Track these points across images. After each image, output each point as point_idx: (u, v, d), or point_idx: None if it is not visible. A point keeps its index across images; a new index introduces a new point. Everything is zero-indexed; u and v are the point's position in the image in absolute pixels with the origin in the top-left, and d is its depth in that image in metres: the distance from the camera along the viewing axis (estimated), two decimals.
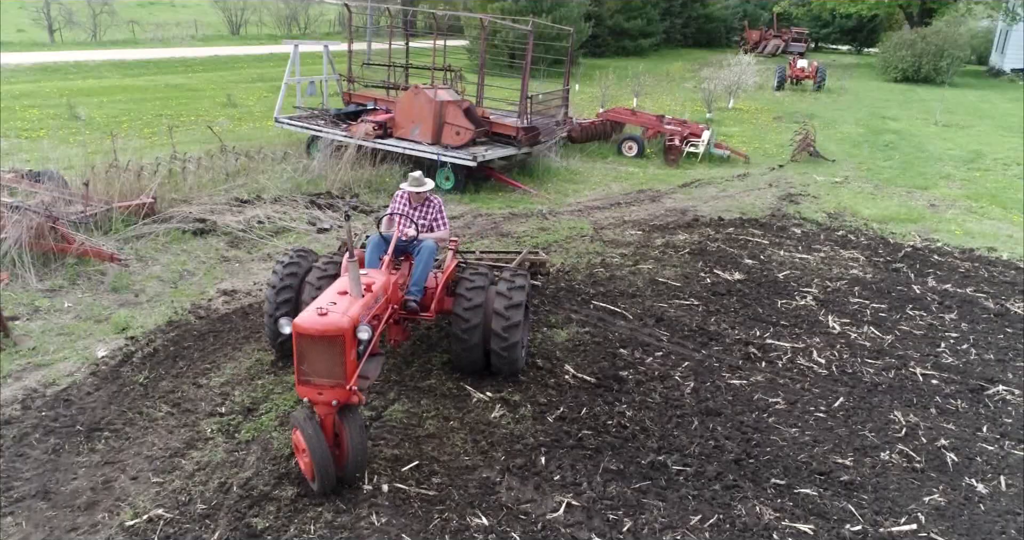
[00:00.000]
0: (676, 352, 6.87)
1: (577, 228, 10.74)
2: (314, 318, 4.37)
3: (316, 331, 4.30)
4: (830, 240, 10.79)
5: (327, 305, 4.50)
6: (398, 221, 5.96)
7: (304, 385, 4.36)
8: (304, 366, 4.33)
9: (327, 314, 4.40)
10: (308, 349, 4.32)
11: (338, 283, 5.05)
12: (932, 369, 6.86)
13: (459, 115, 12.41)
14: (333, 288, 4.95)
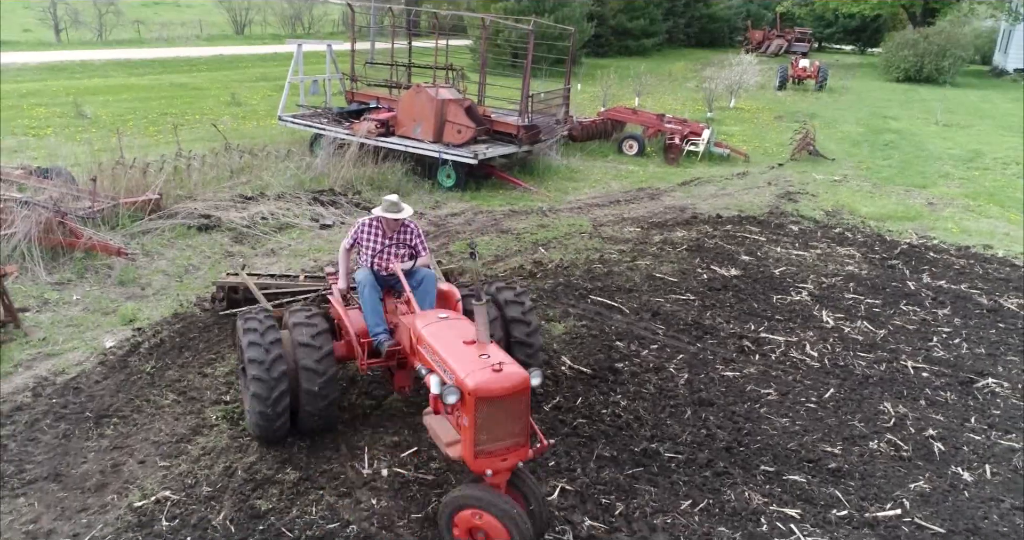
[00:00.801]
0: (671, 345, 7.00)
1: (576, 225, 10.88)
2: (495, 377, 3.77)
3: (506, 391, 3.76)
4: (827, 237, 10.91)
5: (486, 358, 3.94)
6: (389, 255, 5.33)
7: (485, 457, 3.80)
8: (484, 434, 3.77)
9: (502, 369, 3.83)
10: (493, 413, 3.76)
11: (449, 331, 4.37)
12: (923, 362, 6.99)
13: (460, 113, 12.56)
14: (448, 337, 4.28)
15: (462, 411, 3.80)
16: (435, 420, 4.18)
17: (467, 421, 3.75)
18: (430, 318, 4.67)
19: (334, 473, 4.80)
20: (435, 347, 4.23)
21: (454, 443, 3.95)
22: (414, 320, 4.69)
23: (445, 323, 4.52)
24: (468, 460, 3.84)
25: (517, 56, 31.47)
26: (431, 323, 4.53)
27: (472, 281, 7.83)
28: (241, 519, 4.32)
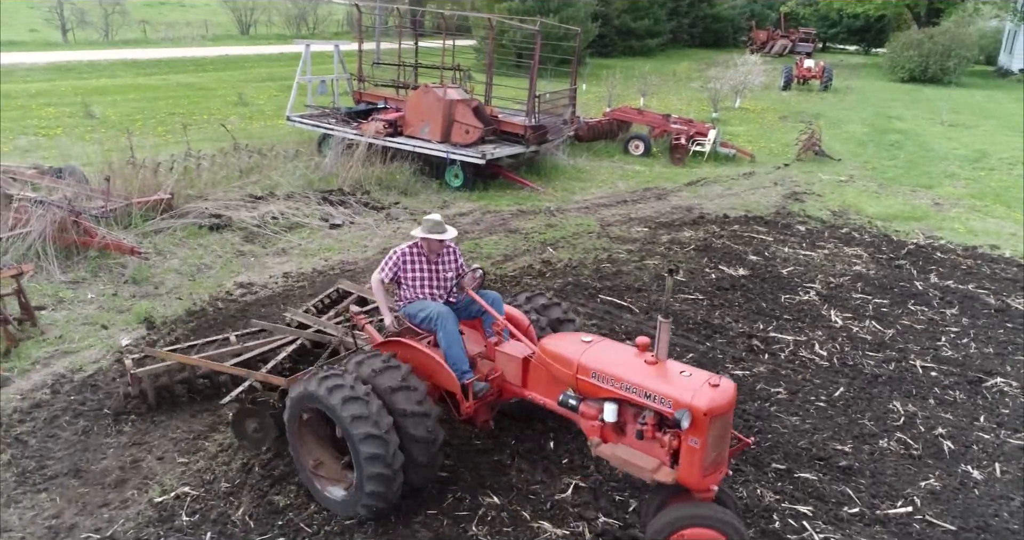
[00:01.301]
0: (681, 344, 7.04)
1: (584, 225, 10.92)
2: (718, 393, 3.77)
3: (730, 405, 3.79)
4: (834, 237, 10.93)
5: (689, 375, 3.94)
6: (441, 281, 4.97)
7: (711, 474, 3.83)
8: (711, 452, 3.77)
9: (720, 384, 3.83)
10: (717, 429, 3.77)
11: (617, 355, 4.22)
12: (932, 362, 7.02)
13: (468, 113, 12.62)
14: (626, 362, 4.11)
15: (692, 433, 3.71)
16: (620, 449, 4.00)
17: (698, 442, 3.69)
18: (573, 344, 4.31)
19: None
20: (622, 374, 4.00)
21: (660, 468, 3.85)
22: (553, 349, 4.33)
23: (601, 347, 4.28)
24: (694, 481, 3.78)
25: (522, 56, 31.60)
26: (590, 350, 4.22)
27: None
28: (260, 514, 4.38)
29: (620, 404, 4.06)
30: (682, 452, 3.79)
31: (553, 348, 4.36)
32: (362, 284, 7.56)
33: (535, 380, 4.56)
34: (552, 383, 4.42)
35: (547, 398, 4.51)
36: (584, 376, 4.14)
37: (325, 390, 4.15)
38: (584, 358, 4.16)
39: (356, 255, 9.10)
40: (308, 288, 7.92)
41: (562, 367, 4.24)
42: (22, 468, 4.69)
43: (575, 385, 4.22)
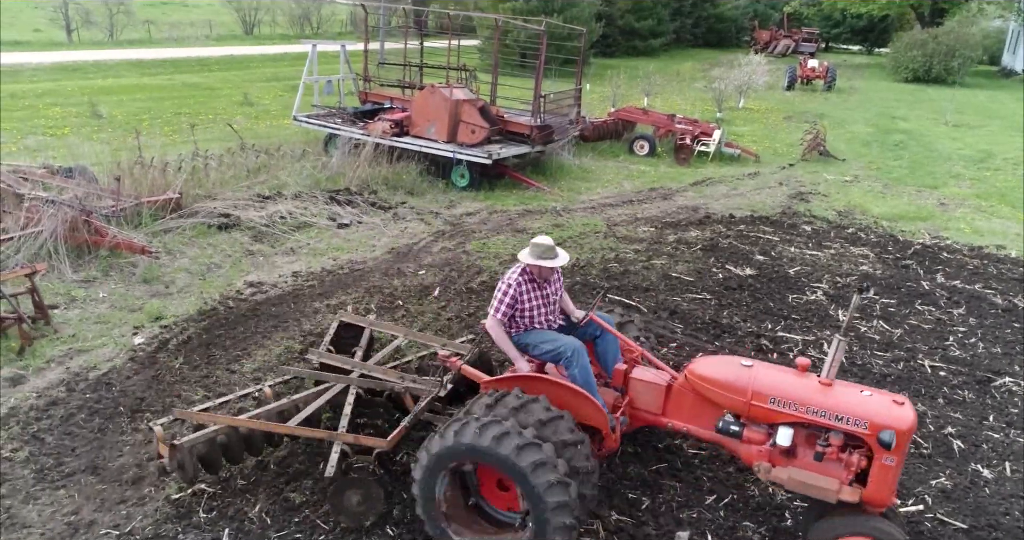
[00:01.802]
0: (690, 344, 7.07)
1: (591, 225, 10.95)
2: (906, 411, 3.88)
3: (916, 422, 3.91)
4: (840, 237, 10.95)
5: (871, 396, 4.00)
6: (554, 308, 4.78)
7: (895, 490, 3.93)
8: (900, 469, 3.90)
9: (904, 402, 3.95)
10: (905, 447, 3.85)
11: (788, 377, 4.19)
12: (940, 361, 7.05)
13: (474, 113, 12.65)
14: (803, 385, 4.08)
15: (893, 452, 3.76)
16: (795, 472, 3.99)
17: (894, 460, 3.78)
18: (731, 368, 4.24)
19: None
20: (807, 399, 3.98)
21: (843, 487, 3.89)
22: (711, 374, 4.25)
23: (767, 371, 4.22)
24: (883, 498, 3.84)
25: (526, 56, 31.65)
26: (758, 374, 4.16)
27: None
28: (276, 511, 4.42)
29: (796, 428, 4.03)
30: (875, 471, 3.83)
31: (714, 374, 4.26)
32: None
33: (677, 407, 4.46)
34: (701, 409, 4.33)
35: (692, 425, 4.40)
36: (760, 402, 4.07)
37: (491, 440, 3.72)
38: (758, 384, 4.09)
39: (364, 254, 9.13)
40: (318, 287, 7.95)
41: (730, 394, 4.14)
42: (40, 465, 4.73)
43: (745, 411, 4.13)
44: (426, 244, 9.71)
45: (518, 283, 4.54)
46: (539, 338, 4.55)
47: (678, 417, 4.49)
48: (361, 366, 5.19)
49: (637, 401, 4.58)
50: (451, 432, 3.86)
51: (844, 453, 3.95)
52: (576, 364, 4.39)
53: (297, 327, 6.88)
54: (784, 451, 4.07)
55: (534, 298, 4.61)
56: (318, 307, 7.36)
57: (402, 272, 8.53)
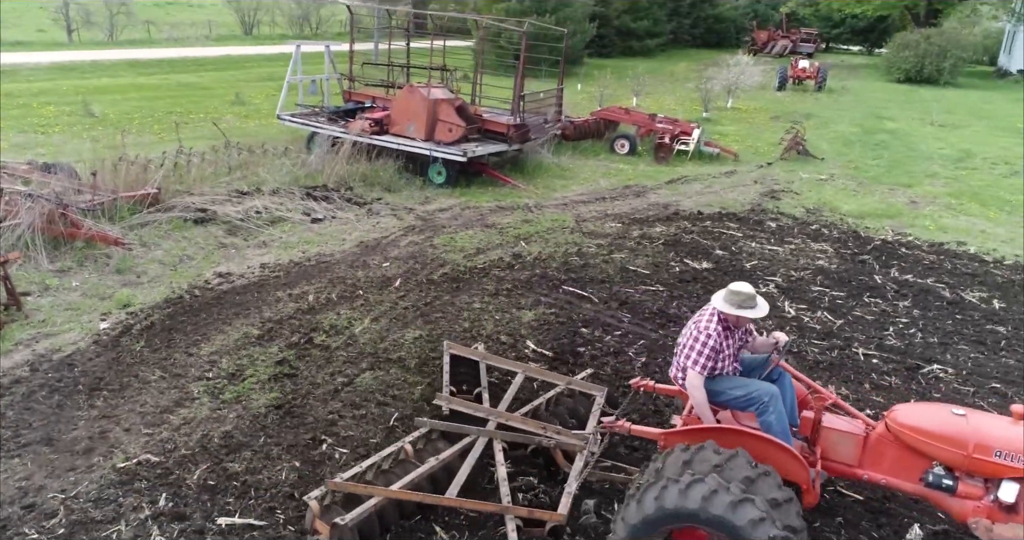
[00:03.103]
0: (634, 332, 7.37)
1: (559, 221, 11.25)
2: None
3: None
4: (803, 233, 11.22)
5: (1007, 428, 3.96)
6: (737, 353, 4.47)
7: None
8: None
9: None
10: None
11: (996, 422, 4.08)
12: (875, 350, 7.33)
13: (451, 112, 12.97)
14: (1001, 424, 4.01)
15: None
16: (1007, 529, 3.83)
17: None
18: (949, 418, 4.05)
19: (304, 443, 5.22)
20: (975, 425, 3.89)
21: None
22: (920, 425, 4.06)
23: (984, 420, 4.08)
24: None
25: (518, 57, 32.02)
26: (977, 425, 3.98)
27: None
28: (214, 479, 4.74)
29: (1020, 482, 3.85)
30: None
31: (923, 423, 4.07)
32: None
33: (876, 458, 4.25)
34: (906, 461, 4.13)
35: (896, 478, 4.19)
36: (983, 455, 3.87)
37: (700, 500, 3.47)
38: (980, 436, 3.90)
39: (333, 248, 9.47)
40: (283, 278, 8.29)
41: (947, 445, 3.94)
42: None
43: (963, 464, 3.93)
44: (395, 238, 10.04)
45: (716, 335, 4.21)
46: (728, 384, 4.27)
47: (878, 469, 4.25)
48: (497, 414, 4.95)
49: (829, 452, 4.32)
50: (650, 498, 3.58)
51: None
52: (773, 411, 4.11)
53: (258, 314, 7.22)
54: (1007, 507, 3.86)
55: (728, 347, 4.30)
56: (280, 296, 7.69)
57: (367, 264, 8.86)
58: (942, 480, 3.98)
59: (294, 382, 5.99)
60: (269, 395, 5.74)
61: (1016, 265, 10.33)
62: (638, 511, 3.59)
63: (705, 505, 3.44)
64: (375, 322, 7.17)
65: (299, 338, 6.73)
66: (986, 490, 3.92)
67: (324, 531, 4.01)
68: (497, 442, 4.74)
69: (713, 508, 3.43)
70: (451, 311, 7.54)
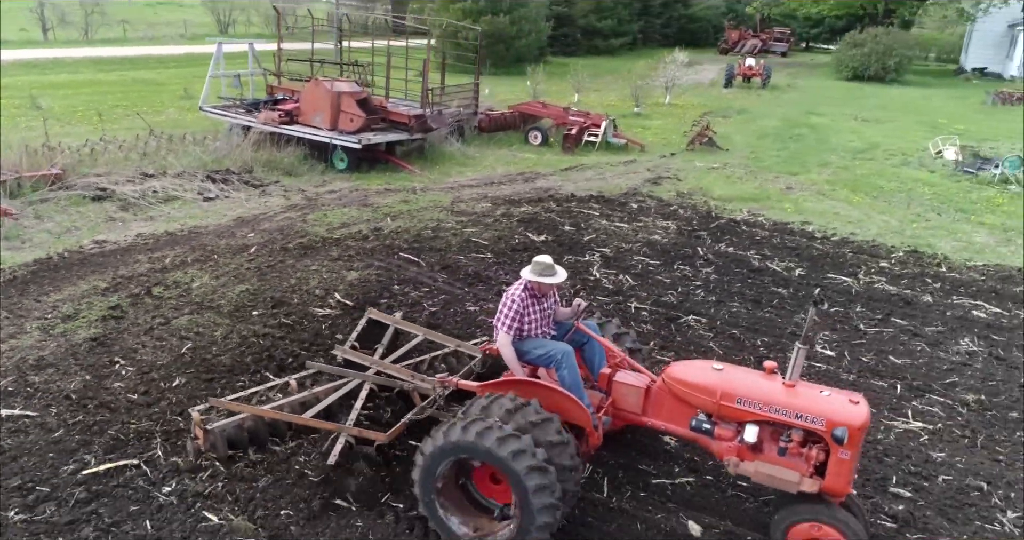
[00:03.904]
0: (442, 289, 8.47)
1: (436, 201, 12.35)
2: (861, 409, 4.29)
3: (869, 419, 4.30)
4: (658, 213, 12.28)
5: (825, 393, 4.42)
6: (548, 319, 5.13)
7: (851, 481, 4.31)
8: (856, 462, 4.30)
9: (859, 401, 4.37)
10: (859, 442, 4.25)
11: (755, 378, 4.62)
12: (650, 304, 8.41)
13: (353, 104, 14.11)
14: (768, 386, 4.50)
15: (847, 446, 4.17)
16: (761, 466, 4.42)
17: (849, 454, 4.18)
18: (704, 372, 4.66)
19: (102, 364, 6.33)
20: (771, 399, 4.39)
21: (805, 478, 4.31)
22: (686, 378, 4.66)
23: (735, 374, 4.66)
24: (841, 488, 4.25)
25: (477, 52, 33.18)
26: (725, 376, 4.59)
27: None
28: (14, 386, 5.86)
29: (761, 425, 4.44)
30: (832, 464, 4.24)
31: (687, 377, 4.68)
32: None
33: (657, 407, 4.86)
34: (680, 410, 4.73)
35: (671, 424, 4.82)
36: (728, 402, 4.47)
37: (475, 436, 4.18)
38: (726, 385, 4.50)
39: (210, 222, 10.61)
40: (151, 245, 9.43)
41: (703, 395, 4.55)
42: None
43: (715, 410, 4.54)
44: (273, 214, 11.16)
45: (521, 298, 4.87)
46: (532, 345, 4.92)
47: (657, 417, 4.88)
48: (379, 364, 5.84)
49: (620, 402, 4.97)
50: (440, 434, 4.33)
51: (804, 448, 4.36)
52: (565, 366, 4.76)
53: (112, 272, 8.34)
54: (751, 447, 4.48)
55: (533, 311, 4.96)
56: (140, 259, 8.82)
57: (234, 235, 9.98)
58: (703, 425, 4.62)
59: (118, 322, 7.11)
60: (91, 331, 6.86)
61: (841, 240, 11.38)
62: (432, 444, 4.35)
63: (479, 439, 4.16)
64: (215, 279, 8.29)
65: (140, 291, 7.85)
66: (736, 433, 4.55)
67: (201, 436, 5.06)
68: (367, 384, 5.69)
69: (484, 442, 4.14)
70: (288, 272, 8.65)
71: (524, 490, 4.14)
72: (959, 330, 8.27)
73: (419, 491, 4.46)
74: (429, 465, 4.36)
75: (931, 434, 6.17)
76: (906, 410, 6.51)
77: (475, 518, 4.56)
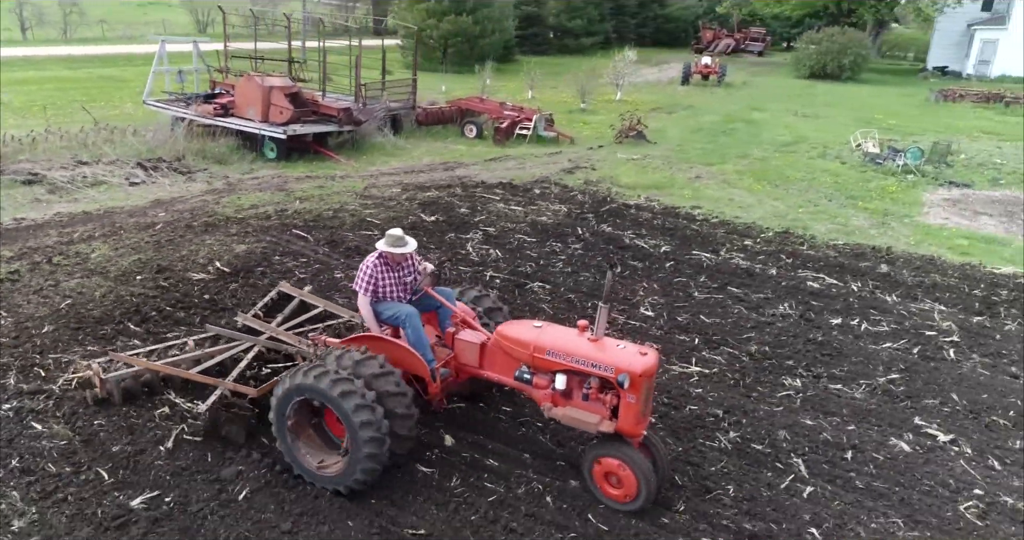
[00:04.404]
0: (320, 260, 9.38)
1: (351, 187, 13.27)
2: (648, 359, 4.84)
3: (655, 368, 4.89)
4: (557, 198, 13.17)
5: (619, 346, 4.99)
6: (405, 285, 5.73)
7: (642, 422, 4.90)
8: (644, 406, 4.87)
9: (647, 353, 4.92)
10: (648, 388, 4.81)
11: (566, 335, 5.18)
12: (506, 274, 9.33)
13: (282, 98, 15.05)
14: (575, 341, 5.07)
15: (630, 391, 4.76)
16: (569, 411, 5.07)
17: (634, 398, 4.77)
18: (526, 329, 5.28)
19: None
20: (572, 351, 5.00)
21: (603, 420, 4.97)
22: (511, 334, 5.26)
23: (551, 330, 5.26)
24: (630, 429, 4.87)
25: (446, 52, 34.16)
26: (541, 333, 5.19)
27: None
28: None
29: (568, 374, 5.09)
30: (622, 407, 4.84)
31: (511, 333, 5.30)
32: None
33: (491, 361, 5.50)
34: (508, 363, 5.36)
35: (502, 375, 5.46)
36: (540, 354, 5.10)
37: (313, 379, 4.85)
38: (540, 340, 5.12)
39: (128, 204, 11.54)
40: (64, 222, 10.35)
41: (521, 348, 5.19)
42: None
43: (531, 362, 5.18)
44: (190, 198, 12.09)
45: (375, 266, 5.55)
46: (384, 307, 5.60)
47: (492, 369, 5.51)
48: (271, 329, 6.63)
49: (461, 357, 5.62)
50: (288, 378, 5.02)
51: (603, 394, 5.00)
52: (409, 326, 5.42)
53: (22, 244, 9.26)
54: (562, 393, 5.14)
55: (388, 278, 5.60)
56: (51, 233, 9.74)
57: (146, 214, 10.91)
58: (524, 375, 5.26)
59: (13, 284, 8.03)
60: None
61: (720, 222, 12.27)
62: (282, 385, 5.06)
63: (316, 382, 4.85)
64: (113, 251, 9.22)
65: (42, 259, 8.77)
66: (549, 382, 5.18)
67: (99, 385, 5.86)
68: (256, 347, 6.47)
69: (320, 384, 4.82)
70: (184, 245, 9.57)
71: (353, 426, 4.77)
72: (784, 297, 9.18)
73: (275, 429, 5.13)
74: (280, 405, 5.05)
75: (703, 377, 7.10)
76: (692, 358, 7.44)
77: (321, 452, 5.23)
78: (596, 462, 5.04)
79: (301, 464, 5.14)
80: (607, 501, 5.10)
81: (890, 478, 5.66)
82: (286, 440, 5.13)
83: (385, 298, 5.63)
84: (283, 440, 5.14)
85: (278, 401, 5.04)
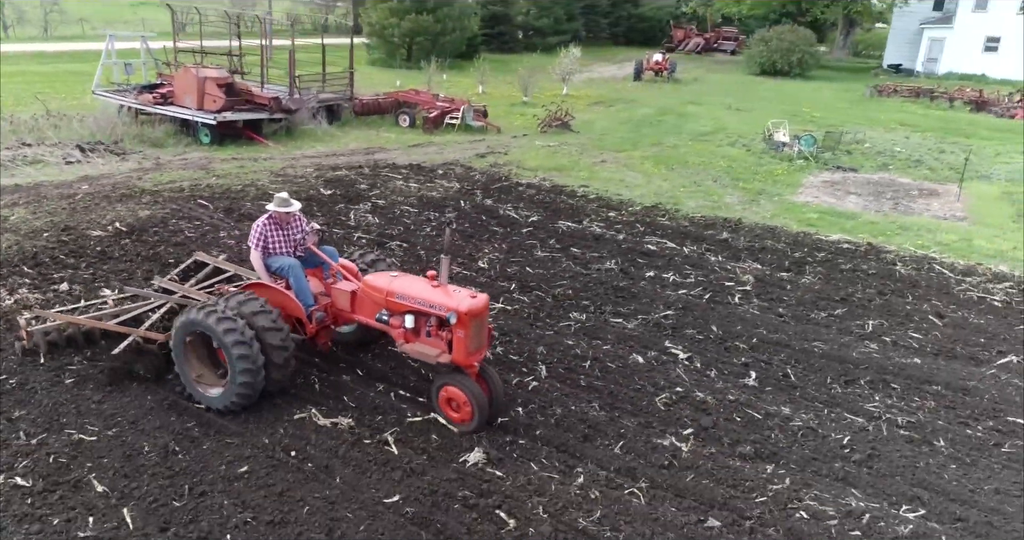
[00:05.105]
0: (213, 224, 10.73)
1: (270, 167, 14.62)
2: (476, 301, 5.74)
3: (482, 309, 5.74)
4: (456, 177, 14.52)
5: (455, 291, 5.89)
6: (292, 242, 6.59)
7: (472, 355, 5.76)
8: (472, 341, 5.71)
9: (476, 296, 5.81)
10: (476, 326, 5.64)
11: (414, 283, 6.10)
12: (374, 235, 10.69)
13: (215, 87, 16.43)
14: (419, 286, 6.01)
15: (458, 328, 5.63)
16: (416, 346, 5.99)
17: (463, 334, 5.64)
18: (384, 278, 6.21)
19: None
20: (414, 294, 5.92)
21: (442, 353, 5.84)
22: (372, 282, 6.20)
23: (403, 278, 6.20)
24: (461, 360, 5.75)
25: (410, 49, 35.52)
26: (394, 281, 6.14)
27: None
28: None
29: (416, 315, 6.00)
30: (454, 341, 5.74)
31: (371, 281, 6.28)
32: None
33: (360, 307, 6.41)
34: (372, 307, 6.28)
35: (369, 319, 6.37)
36: (392, 298, 6.05)
37: (203, 315, 5.80)
38: (392, 286, 6.09)
39: (58, 179, 12.89)
40: None
41: (378, 293, 6.15)
42: None
43: (387, 305, 6.14)
44: (117, 175, 13.46)
45: (264, 224, 6.46)
46: (273, 260, 6.55)
47: (362, 314, 6.41)
48: (184, 290, 7.59)
49: (337, 303, 6.56)
50: (183, 315, 6.05)
51: (440, 331, 5.92)
52: (292, 276, 6.43)
53: None
54: (412, 331, 6.04)
55: (276, 235, 6.52)
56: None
57: (72, 186, 12.28)
58: (383, 317, 6.22)
59: None
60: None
61: (597, 198, 13.61)
62: (178, 321, 6.11)
63: (204, 319, 5.81)
64: (31, 214, 10.58)
65: None
66: (402, 322, 6.09)
67: (26, 337, 6.70)
68: (169, 304, 7.38)
69: (206, 320, 5.80)
70: (94, 210, 10.93)
71: (231, 356, 5.73)
72: (616, 256, 10.51)
73: (174, 356, 6.17)
74: (177, 336, 6.10)
75: (504, 312, 8.45)
76: (502, 298, 8.80)
77: (203, 368, 6.27)
78: (442, 389, 5.97)
79: (185, 375, 6.19)
80: (450, 423, 6.03)
81: (612, 379, 7.02)
82: (182, 365, 6.16)
83: (274, 253, 6.55)
84: (179, 364, 6.17)
85: (175, 333, 6.10)
